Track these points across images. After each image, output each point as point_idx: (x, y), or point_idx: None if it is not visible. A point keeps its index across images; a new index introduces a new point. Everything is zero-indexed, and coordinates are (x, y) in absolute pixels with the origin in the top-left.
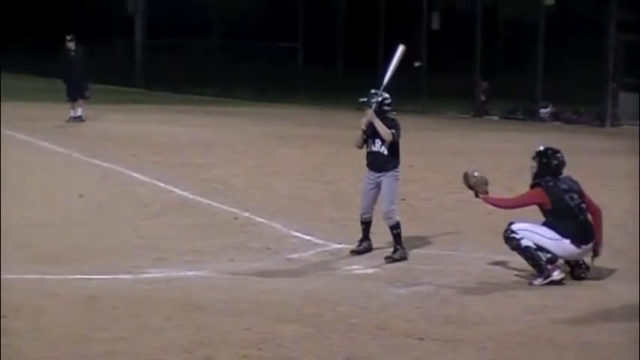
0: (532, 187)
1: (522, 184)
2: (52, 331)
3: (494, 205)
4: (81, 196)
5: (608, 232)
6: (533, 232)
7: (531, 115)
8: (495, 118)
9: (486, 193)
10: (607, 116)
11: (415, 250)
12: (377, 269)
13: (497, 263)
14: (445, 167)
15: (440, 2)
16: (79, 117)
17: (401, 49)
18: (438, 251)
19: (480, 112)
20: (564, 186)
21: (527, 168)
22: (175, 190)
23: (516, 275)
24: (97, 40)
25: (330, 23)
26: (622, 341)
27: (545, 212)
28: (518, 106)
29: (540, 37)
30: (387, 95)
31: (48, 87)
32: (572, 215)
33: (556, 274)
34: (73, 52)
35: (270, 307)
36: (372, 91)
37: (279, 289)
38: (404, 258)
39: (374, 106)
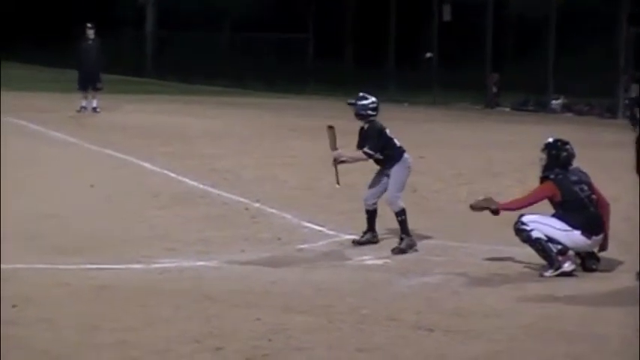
0: (542, 180)
1: (533, 176)
2: (62, 321)
3: (509, 209)
4: (92, 186)
5: (618, 224)
6: (543, 223)
7: (542, 107)
8: (507, 109)
9: (497, 204)
10: (619, 108)
11: (425, 242)
12: (387, 260)
13: (507, 255)
14: (456, 159)
15: None
16: (95, 108)
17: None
18: (449, 242)
19: (491, 103)
20: (574, 177)
21: (538, 160)
22: (186, 180)
23: (526, 267)
24: (108, 31)
25: (341, 15)
26: (632, 333)
27: (555, 204)
28: (530, 98)
29: (551, 28)
30: (373, 99)
31: (59, 77)
32: (582, 206)
33: (567, 266)
34: (90, 42)
35: (281, 298)
36: (361, 94)
37: (290, 280)
38: (411, 247)
39: (335, 153)
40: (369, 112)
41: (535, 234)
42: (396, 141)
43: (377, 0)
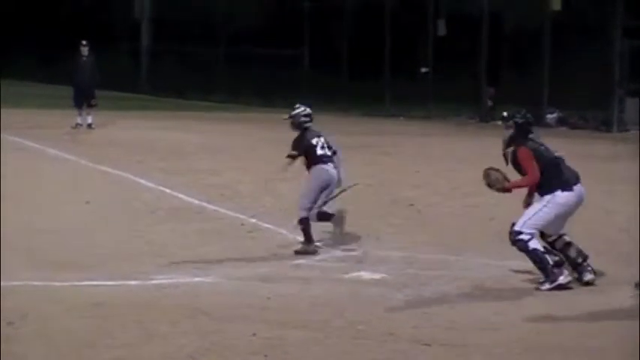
0: (505, 155)
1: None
2: (58, 338)
3: (520, 186)
4: (88, 202)
5: (614, 236)
6: (531, 216)
7: (537, 121)
8: (502, 123)
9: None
10: (614, 122)
11: (421, 256)
12: (384, 275)
13: (503, 269)
14: (451, 173)
15: (446, 8)
16: (90, 124)
17: None
18: (445, 256)
19: (486, 117)
20: (538, 141)
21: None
22: (182, 196)
23: (522, 280)
24: (103, 46)
25: (336, 29)
26: (628, 347)
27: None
28: (525, 112)
29: (546, 42)
30: (304, 108)
31: (54, 94)
32: (555, 164)
33: (562, 279)
34: (84, 58)
35: (277, 313)
36: (297, 105)
37: (286, 295)
38: (307, 252)
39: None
40: (302, 119)
41: (532, 244)
42: (320, 150)
43: (372, 14)
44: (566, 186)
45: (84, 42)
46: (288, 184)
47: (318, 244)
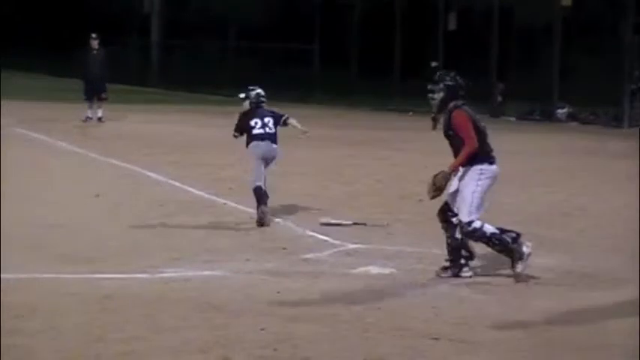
0: (449, 116)
1: (538, 184)
2: (67, 331)
3: (463, 161)
4: (97, 195)
5: (624, 233)
6: (471, 200)
7: (548, 116)
8: (512, 119)
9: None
10: (624, 117)
11: (431, 251)
12: (393, 270)
13: (512, 264)
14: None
15: (456, 3)
16: (100, 118)
17: None
18: None
19: (496, 113)
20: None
21: (541, 169)
22: (191, 189)
23: (532, 276)
24: (113, 40)
25: (347, 25)
26: (636, 344)
27: (460, 137)
28: (535, 107)
29: (556, 37)
30: (260, 91)
31: (64, 87)
32: (485, 135)
33: (526, 249)
34: (95, 52)
35: (286, 307)
36: (250, 87)
37: (295, 289)
38: (261, 221)
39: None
40: (260, 98)
41: (488, 229)
42: (257, 130)
43: (382, 10)
44: (493, 160)
45: (94, 35)
46: (297, 180)
47: (326, 238)
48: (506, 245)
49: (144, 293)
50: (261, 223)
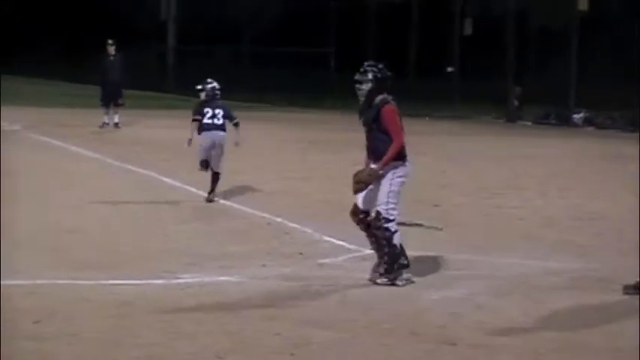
0: (378, 110)
1: (555, 189)
2: (84, 337)
3: (392, 158)
4: (114, 202)
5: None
6: (388, 199)
7: (564, 121)
8: (528, 123)
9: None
10: None
11: (448, 255)
12: (409, 275)
13: (529, 269)
14: (478, 173)
15: (472, 8)
16: (116, 123)
17: None
18: (471, 256)
19: (513, 117)
20: None
21: (557, 173)
22: (207, 195)
23: (548, 280)
24: (130, 46)
25: (363, 29)
26: None
27: (385, 132)
28: (551, 112)
29: (573, 42)
30: (215, 84)
31: (81, 93)
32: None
33: (399, 282)
34: (112, 57)
35: (303, 313)
36: (207, 80)
37: (312, 294)
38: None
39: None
40: (217, 92)
41: (396, 239)
42: (207, 119)
43: (398, 14)
44: (406, 159)
45: (110, 41)
46: (312, 185)
47: (343, 243)
48: (394, 262)
49: (160, 299)
50: (210, 201)
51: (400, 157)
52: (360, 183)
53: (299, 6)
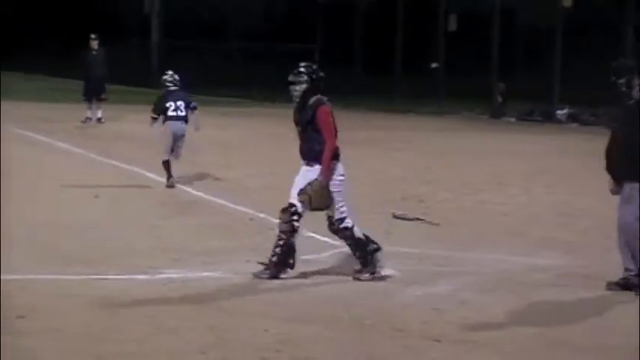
0: (314, 110)
1: (540, 185)
2: (67, 332)
3: (330, 158)
4: (97, 196)
5: None
6: (336, 199)
7: (548, 117)
8: (512, 119)
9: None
10: None
11: (431, 252)
12: (393, 271)
13: (513, 265)
14: (462, 169)
15: (457, 4)
16: (99, 119)
17: None
18: (455, 253)
19: (497, 113)
20: None
21: (542, 169)
22: (191, 190)
23: (533, 277)
24: (113, 40)
25: (349, 25)
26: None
27: (319, 131)
28: (536, 108)
29: (558, 39)
30: (170, 74)
31: (64, 87)
32: (337, 134)
33: (379, 268)
34: (95, 52)
35: (287, 309)
36: (168, 72)
37: (296, 290)
38: (169, 185)
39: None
40: (166, 83)
41: (357, 232)
42: (171, 112)
43: (384, 10)
44: (339, 157)
45: (93, 36)
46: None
47: (327, 239)
48: (366, 255)
49: (144, 294)
50: (170, 186)
51: (335, 157)
52: (314, 196)
53: (286, 2)
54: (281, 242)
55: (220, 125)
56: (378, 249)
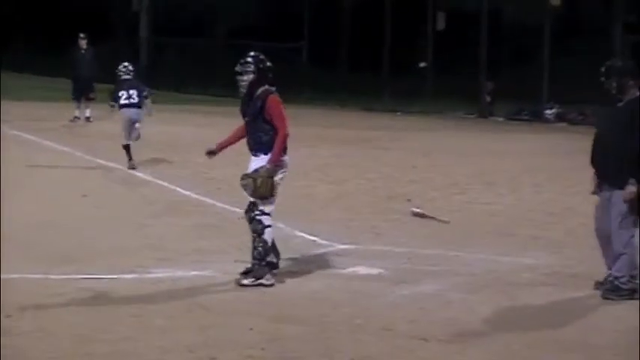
0: (263, 101)
1: (528, 184)
2: (55, 331)
3: (281, 147)
4: (85, 195)
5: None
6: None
7: (537, 116)
8: (500, 119)
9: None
10: None
11: (419, 251)
12: (381, 270)
13: (501, 265)
14: (450, 168)
15: (445, 2)
16: (87, 118)
17: None
18: (443, 252)
19: (485, 112)
20: None
21: (529, 168)
22: (179, 189)
23: (521, 276)
24: (101, 38)
25: (335, 23)
26: (627, 344)
27: (270, 125)
28: (524, 107)
29: (546, 37)
30: (126, 65)
31: (52, 86)
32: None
33: (265, 280)
34: (83, 51)
35: (274, 308)
36: (124, 63)
37: (283, 290)
38: (131, 167)
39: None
40: (119, 73)
41: (267, 235)
42: (124, 100)
43: (371, 8)
44: (286, 150)
45: (82, 35)
46: (285, 180)
47: (315, 238)
48: (262, 259)
49: (132, 293)
50: (132, 168)
51: (283, 149)
52: (262, 187)
53: (274, 1)
54: (257, 244)
55: (208, 124)
56: (275, 266)
